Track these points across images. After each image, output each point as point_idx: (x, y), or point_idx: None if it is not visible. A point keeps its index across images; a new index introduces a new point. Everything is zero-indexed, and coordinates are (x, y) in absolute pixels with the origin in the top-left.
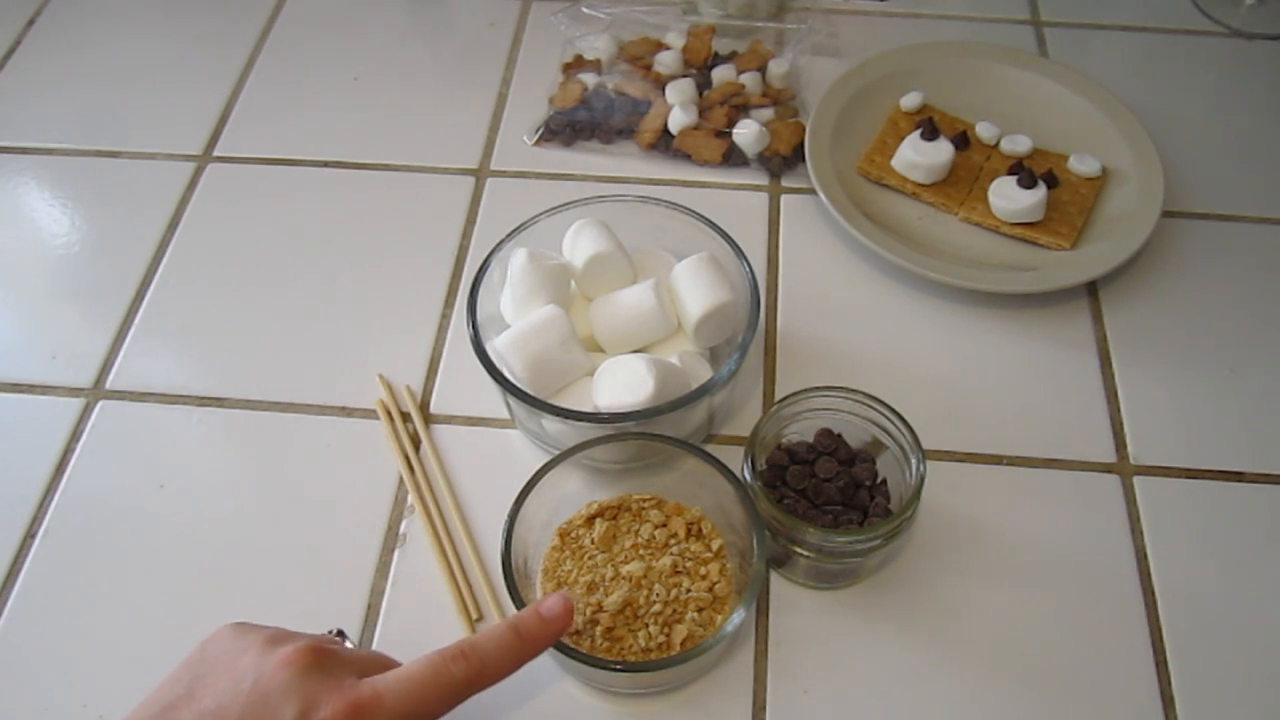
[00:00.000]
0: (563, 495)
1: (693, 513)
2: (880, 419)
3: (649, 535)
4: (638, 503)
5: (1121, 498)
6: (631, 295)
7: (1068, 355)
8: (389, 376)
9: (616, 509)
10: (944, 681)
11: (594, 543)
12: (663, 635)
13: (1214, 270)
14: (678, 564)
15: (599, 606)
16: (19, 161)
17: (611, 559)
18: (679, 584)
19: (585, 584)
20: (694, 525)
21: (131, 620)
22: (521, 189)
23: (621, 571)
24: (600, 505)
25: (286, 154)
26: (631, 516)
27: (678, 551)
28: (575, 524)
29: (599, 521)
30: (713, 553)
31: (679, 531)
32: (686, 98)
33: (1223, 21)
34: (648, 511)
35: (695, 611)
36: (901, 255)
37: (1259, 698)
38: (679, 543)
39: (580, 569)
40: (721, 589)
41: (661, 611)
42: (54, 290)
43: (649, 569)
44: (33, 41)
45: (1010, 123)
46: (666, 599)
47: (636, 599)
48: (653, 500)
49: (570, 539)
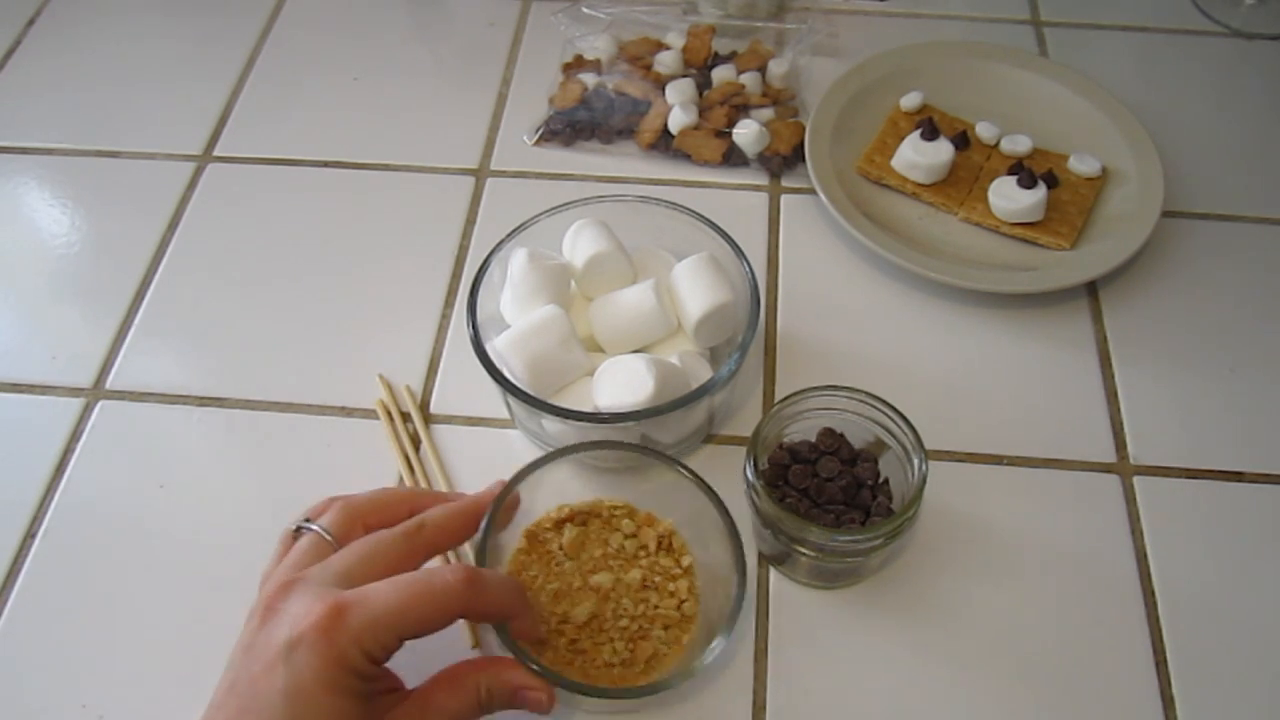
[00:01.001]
0: (534, 497)
1: (664, 525)
2: (883, 419)
3: (619, 545)
4: (609, 509)
5: (1121, 498)
6: (631, 295)
7: (1068, 355)
8: (389, 376)
9: (587, 514)
10: (944, 681)
11: (562, 549)
12: (628, 651)
13: (1214, 270)
14: (647, 578)
15: (564, 617)
16: (19, 161)
17: (580, 567)
18: (646, 599)
19: (551, 592)
20: (665, 539)
21: (131, 620)
22: (521, 189)
23: (590, 582)
24: (571, 509)
25: (286, 154)
26: (602, 524)
27: (647, 565)
28: (544, 526)
29: (568, 527)
30: (682, 569)
31: (649, 544)
32: (686, 98)
33: (1223, 21)
34: (619, 520)
35: (662, 629)
36: (901, 255)
37: (1259, 698)
38: (649, 556)
39: (547, 576)
40: (689, 608)
41: (628, 627)
42: (54, 290)
43: (617, 581)
44: (33, 41)
45: (1010, 123)
46: (634, 614)
47: (604, 612)
48: (624, 508)
49: (538, 543)
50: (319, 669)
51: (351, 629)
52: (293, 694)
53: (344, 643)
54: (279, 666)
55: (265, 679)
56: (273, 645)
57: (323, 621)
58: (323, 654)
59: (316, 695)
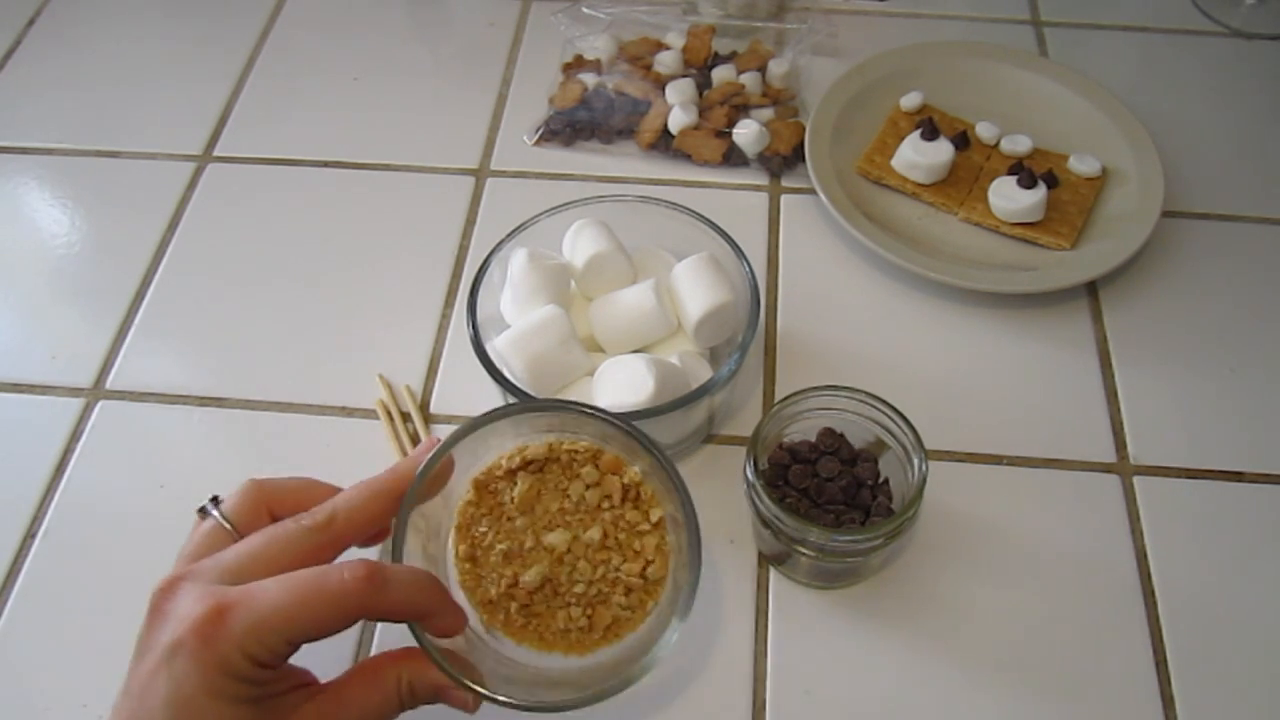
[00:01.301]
0: (487, 444)
1: (632, 473)
2: (883, 419)
3: (579, 496)
4: (569, 453)
5: (1121, 498)
6: (631, 295)
7: (1068, 355)
8: (389, 376)
9: (544, 460)
10: (944, 681)
11: (514, 502)
12: (585, 618)
13: (1214, 270)
14: (608, 534)
15: (515, 580)
16: (19, 161)
17: (533, 523)
18: (607, 560)
19: (501, 553)
20: (632, 489)
21: (132, 620)
22: (521, 189)
23: (544, 541)
24: (525, 455)
25: (286, 154)
26: (560, 470)
27: (610, 519)
28: (495, 475)
29: (522, 476)
30: (651, 524)
31: (613, 494)
32: (686, 98)
33: (1223, 21)
34: (580, 466)
35: (623, 594)
36: (901, 255)
37: (1259, 698)
38: (613, 508)
39: (497, 534)
40: (656, 570)
41: (585, 592)
42: (54, 290)
43: (574, 540)
44: (33, 41)
45: (1010, 123)
46: (592, 578)
47: (558, 575)
48: (588, 451)
49: (488, 494)
50: (199, 676)
51: (233, 633)
52: (174, 702)
53: (225, 648)
54: (161, 672)
55: (150, 685)
56: (156, 649)
57: (201, 626)
58: (203, 660)
59: (199, 702)
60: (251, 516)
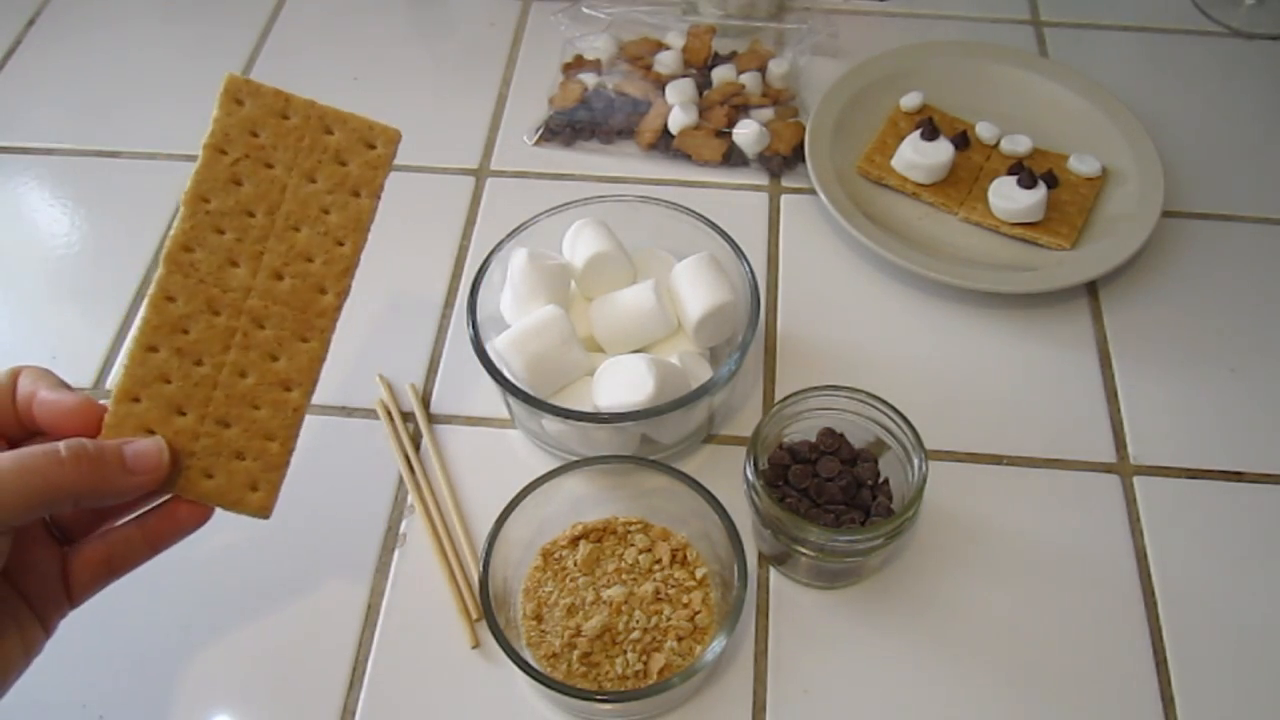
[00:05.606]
0: (547, 515)
1: (678, 539)
2: (883, 419)
3: (633, 560)
4: (623, 525)
5: (1121, 498)
6: (631, 295)
7: (1068, 355)
8: (389, 376)
9: (601, 531)
10: (944, 681)
11: (577, 565)
12: (640, 663)
13: (1214, 270)
14: (660, 590)
15: (578, 630)
16: (19, 161)
17: (593, 582)
18: (660, 611)
19: (565, 606)
20: (679, 552)
21: (131, 620)
22: (521, 189)
23: (602, 596)
24: (585, 527)
25: None
26: (616, 540)
27: (661, 578)
28: (559, 544)
29: (583, 544)
30: (696, 581)
31: (663, 557)
32: (686, 98)
33: (1223, 21)
34: (633, 535)
35: (675, 640)
36: (901, 255)
37: (1259, 698)
38: (663, 569)
39: (561, 591)
40: (703, 619)
41: (640, 639)
42: (54, 290)
43: (630, 594)
44: (33, 41)
45: (1010, 123)
46: (646, 626)
47: (616, 624)
48: (639, 524)
49: (553, 560)
50: None
51: None
52: None
53: None
54: None
55: None
56: None
57: None
58: None
59: None
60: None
